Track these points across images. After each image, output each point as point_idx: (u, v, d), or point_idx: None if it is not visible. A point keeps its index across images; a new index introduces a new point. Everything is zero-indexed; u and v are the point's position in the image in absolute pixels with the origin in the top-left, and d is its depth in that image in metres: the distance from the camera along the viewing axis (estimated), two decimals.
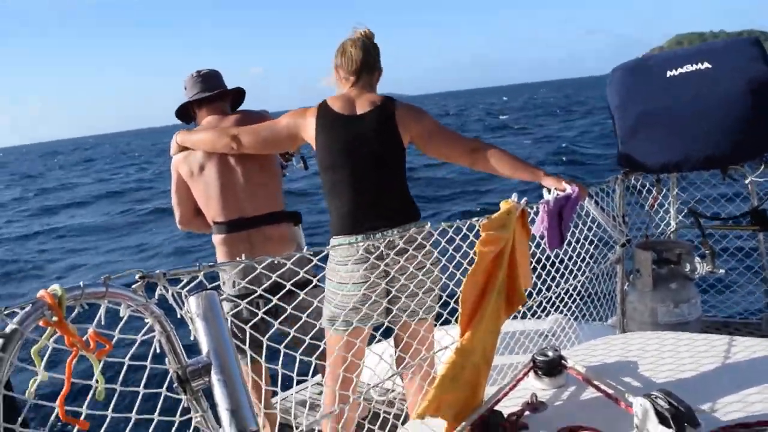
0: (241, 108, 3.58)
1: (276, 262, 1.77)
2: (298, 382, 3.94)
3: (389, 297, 2.82)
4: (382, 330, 2.90)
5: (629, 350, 2.68)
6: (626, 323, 3.45)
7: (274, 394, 3.58)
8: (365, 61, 2.96)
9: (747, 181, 3.38)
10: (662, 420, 1.81)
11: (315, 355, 2.32)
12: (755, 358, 2.44)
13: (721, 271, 3.43)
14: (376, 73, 3.04)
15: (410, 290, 2.69)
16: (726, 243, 4.14)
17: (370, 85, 3.00)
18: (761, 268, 3.81)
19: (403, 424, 2.43)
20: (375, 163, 2.88)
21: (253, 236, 3.30)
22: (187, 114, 3.51)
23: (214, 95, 3.36)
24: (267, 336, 1.95)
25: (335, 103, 2.90)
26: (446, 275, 2.75)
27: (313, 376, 3.30)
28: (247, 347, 1.84)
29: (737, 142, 3.25)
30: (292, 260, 1.96)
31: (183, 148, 3.30)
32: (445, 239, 2.44)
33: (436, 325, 3.13)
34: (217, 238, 3.31)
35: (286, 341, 1.98)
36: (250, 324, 1.88)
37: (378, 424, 2.73)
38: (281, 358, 1.94)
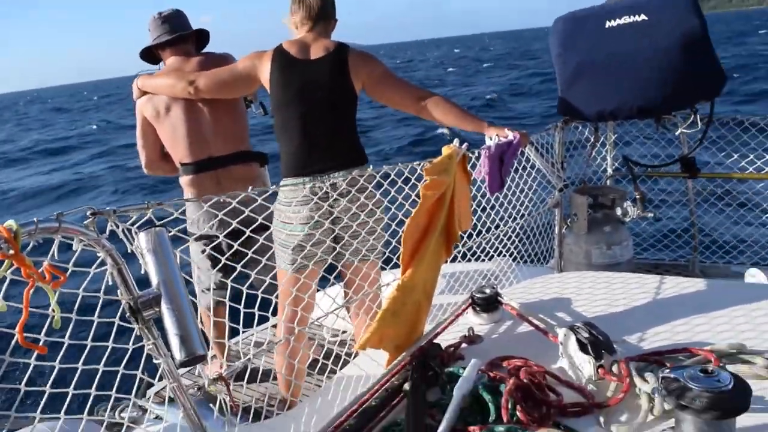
0: (205, 50, 3.59)
1: (238, 203, 1.83)
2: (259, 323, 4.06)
3: (334, 236, 2.93)
4: (336, 273, 3.02)
5: (562, 288, 2.86)
6: (563, 265, 3.63)
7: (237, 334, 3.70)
8: (323, 8, 3.02)
9: (677, 132, 3.55)
10: (583, 348, 1.97)
11: (275, 294, 2.43)
12: (679, 295, 2.63)
13: (651, 214, 3.63)
14: (332, 21, 3.11)
15: (353, 230, 2.80)
16: (658, 189, 4.35)
17: (325, 32, 3.07)
18: (689, 212, 4.03)
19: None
20: (326, 107, 2.97)
21: (221, 176, 3.36)
22: (152, 56, 3.52)
23: (175, 38, 3.37)
24: (231, 278, 2.01)
25: (291, 48, 2.97)
26: (389, 215, 2.87)
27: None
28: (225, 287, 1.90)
29: (669, 93, 3.40)
30: (252, 206, 2.02)
31: (144, 93, 3.32)
32: (387, 182, 2.54)
33: (385, 269, 3.26)
34: (184, 180, 3.35)
35: (248, 282, 2.05)
36: (216, 268, 1.95)
37: (331, 360, 2.87)
38: (243, 299, 2.01)
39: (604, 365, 1.92)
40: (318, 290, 3.11)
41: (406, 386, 1.96)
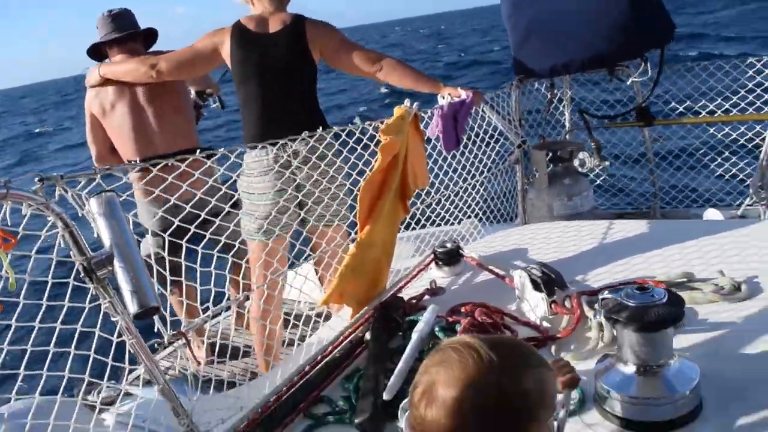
0: (153, 49, 3.62)
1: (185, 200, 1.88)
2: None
3: (298, 203, 2.98)
4: (306, 256, 3.08)
5: (523, 239, 2.93)
6: (527, 219, 3.70)
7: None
8: None
9: (629, 81, 3.62)
10: (536, 287, 2.05)
11: (240, 273, 2.50)
12: (635, 236, 2.71)
13: (607, 162, 3.71)
14: None
15: (317, 196, 2.85)
16: (615, 140, 4.44)
17: (281, 5, 3.10)
18: (647, 160, 4.11)
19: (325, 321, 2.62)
20: (285, 78, 3.02)
21: (168, 173, 3.37)
22: (100, 54, 3.54)
23: (124, 36, 3.39)
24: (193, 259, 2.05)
25: (249, 23, 3.01)
26: (350, 179, 2.92)
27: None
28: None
29: (619, 43, 3.46)
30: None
31: (105, 82, 3.35)
32: (338, 141, 2.59)
33: (350, 233, 3.31)
34: (132, 176, 3.38)
35: (213, 264, 2.09)
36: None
37: (302, 321, 2.92)
38: (213, 279, 2.05)
39: (557, 301, 2.00)
40: (290, 262, 3.16)
41: (368, 335, 2.02)
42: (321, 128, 3.08)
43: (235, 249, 2.76)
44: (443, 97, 2.98)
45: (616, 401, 1.46)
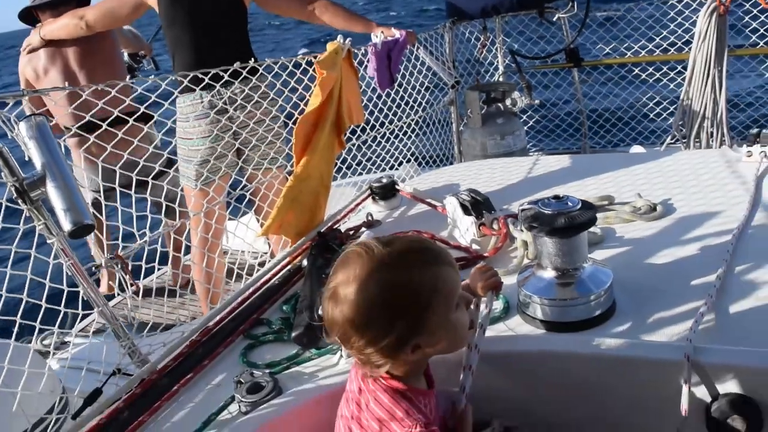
0: None
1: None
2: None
3: (236, 150, 3.00)
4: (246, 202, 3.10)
5: (456, 175, 3.02)
6: (463, 159, 3.80)
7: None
8: None
9: (555, 18, 3.71)
10: (466, 211, 2.13)
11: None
12: (562, 168, 2.83)
13: (537, 101, 3.83)
14: None
15: (252, 144, 2.88)
16: (546, 81, 4.56)
17: None
18: (577, 101, 4.25)
19: None
20: (216, 22, 3.01)
21: (104, 137, 3.33)
22: (32, 18, 3.49)
23: (56, 0, 3.36)
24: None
25: None
26: (286, 129, 2.95)
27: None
28: None
29: None
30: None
31: (47, 43, 3.32)
32: (273, 89, 2.60)
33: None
34: (69, 142, 3.33)
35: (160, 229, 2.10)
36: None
37: (245, 270, 2.96)
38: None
39: (486, 223, 2.09)
40: (231, 219, 3.19)
41: (305, 262, 2.08)
42: (254, 70, 3.11)
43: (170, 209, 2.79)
44: (377, 36, 3.02)
45: (537, 305, 1.57)
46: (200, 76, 2.35)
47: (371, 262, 1.12)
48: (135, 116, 2.29)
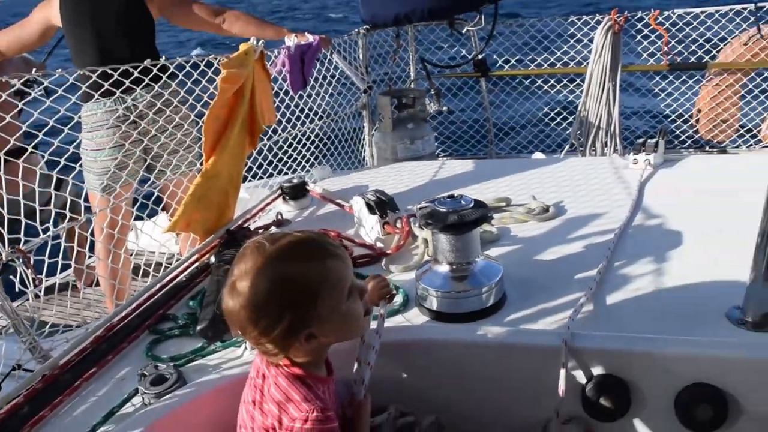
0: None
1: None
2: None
3: (141, 157, 3.00)
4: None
5: (365, 178, 3.10)
6: (375, 162, 3.90)
7: None
8: None
9: (464, 31, 3.87)
10: (371, 210, 2.22)
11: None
12: (467, 172, 2.96)
13: (445, 108, 3.97)
14: None
15: (156, 152, 2.88)
16: (455, 89, 4.73)
17: None
18: (484, 109, 4.44)
19: None
20: (122, 35, 3.02)
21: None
22: None
23: None
24: None
25: None
26: (190, 138, 2.96)
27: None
28: None
29: None
30: None
31: None
32: (183, 72, 2.62)
33: None
34: None
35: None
36: None
37: (152, 267, 2.93)
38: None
39: (390, 222, 2.18)
40: (142, 218, 3.16)
41: (212, 259, 2.11)
42: (158, 77, 3.11)
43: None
44: (290, 40, 3.07)
45: (433, 297, 1.67)
46: (107, 103, 2.35)
47: (262, 256, 1.19)
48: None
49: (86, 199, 3.05)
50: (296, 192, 2.75)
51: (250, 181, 3.32)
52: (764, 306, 1.45)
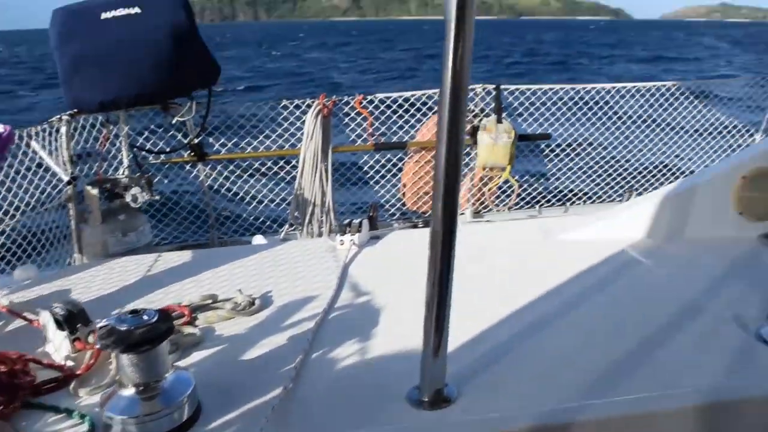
0: None
1: None
2: None
3: None
4: None
5: (71, 279, 2.83)
6: (84, 259, 3.60)
7: None
8: None
9: (174, 120, 3.81)
10: (59, 325, 2.01)
11: None
12: (179, 264, 2.83)
13: (158, 196, 3.84)
14: None
15: None
16: (173, 174, 4.62)
17: None
18: (203, 193, 4.37)
19: None
20: None
21: None
22: None
23: None
24: None
25: None
26: None
27: None
28: None
29: (164, 81, 3.62)
30: None
31: None
32: None
33: None
34: None
35: None
36: None
37: None
38: None
39: (81, 337, 1.99)
40: None
41: None
42: None
43: None
44: None
45: (119, 426, 1.53)
46: None
47: None
48: None
49: None
50: None
51: None
52: (436, 383, 1.52)
